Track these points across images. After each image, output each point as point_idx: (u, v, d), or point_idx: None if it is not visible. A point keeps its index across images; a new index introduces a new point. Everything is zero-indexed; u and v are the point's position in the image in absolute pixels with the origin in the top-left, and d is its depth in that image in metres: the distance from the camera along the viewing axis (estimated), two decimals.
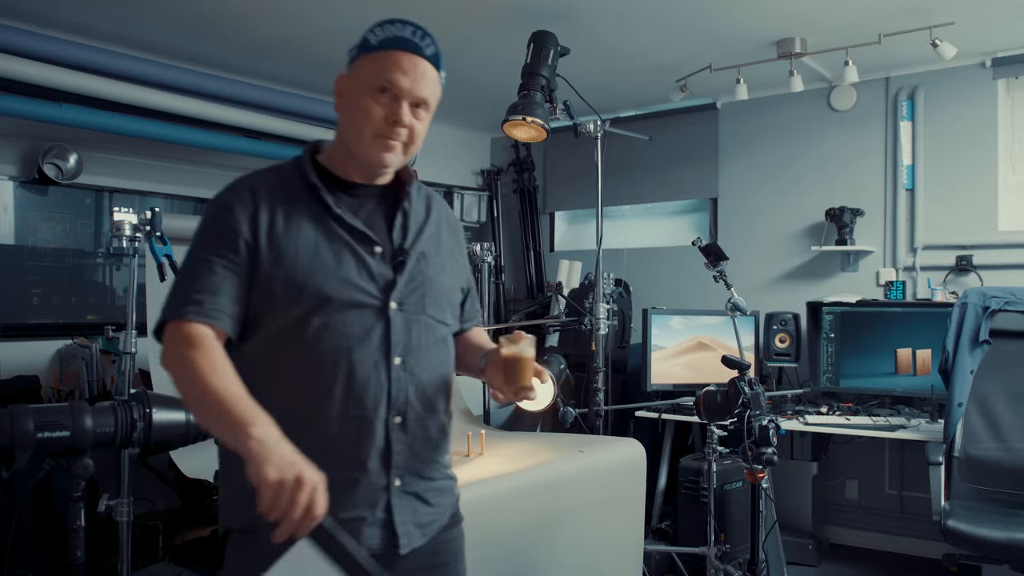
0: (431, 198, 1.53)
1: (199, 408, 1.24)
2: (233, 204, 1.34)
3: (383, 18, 1.41)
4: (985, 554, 2.82)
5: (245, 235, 1.31)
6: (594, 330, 3.34)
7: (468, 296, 1.59)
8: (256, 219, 1.32)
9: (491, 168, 5.80)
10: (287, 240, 1.33)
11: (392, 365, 1.35)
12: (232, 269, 1.31)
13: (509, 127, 3.09)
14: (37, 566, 3.06)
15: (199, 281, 1.29)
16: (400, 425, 1.36)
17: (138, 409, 1.77)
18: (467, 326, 1.60)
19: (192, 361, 1.22)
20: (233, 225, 1.32)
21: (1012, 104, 3.99)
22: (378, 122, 1.34)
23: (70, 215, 4.04)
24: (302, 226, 1.34)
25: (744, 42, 3.75)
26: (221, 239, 1.32)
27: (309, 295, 1.31)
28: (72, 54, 3.48)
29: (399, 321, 1.36)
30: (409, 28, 1.36)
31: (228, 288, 1.30)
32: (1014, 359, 3.21)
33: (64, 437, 1.65)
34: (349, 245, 1.35)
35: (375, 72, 1.34)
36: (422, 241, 1.44)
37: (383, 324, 1.35)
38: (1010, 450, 3.08)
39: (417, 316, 1.39)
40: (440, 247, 1.48)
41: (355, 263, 1.35)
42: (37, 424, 1.61)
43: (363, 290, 1.34)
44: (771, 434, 2.04)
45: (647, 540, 3.52)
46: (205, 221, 1.36)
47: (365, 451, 1.33)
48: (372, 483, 1.34)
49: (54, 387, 3.74)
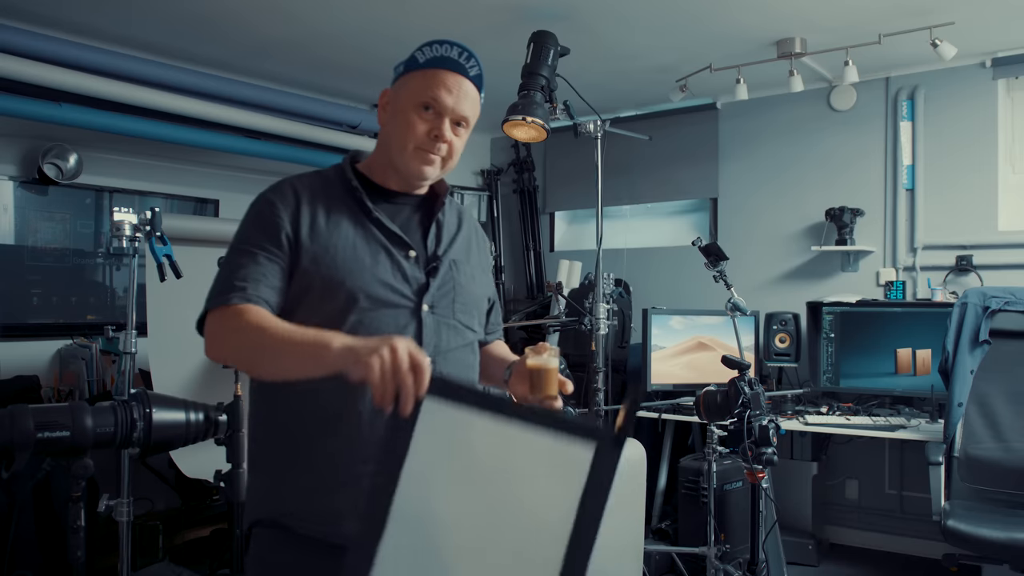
0: (462, 212, 1.61)
1: (273, 358, 1.26)
2: (276, 201, 1.39)
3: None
4: (985, 554, 2.82)
5: (287, 230, 1.36)
6: (594, 330, 3.34)
7: (493, 308, 1.65)
8: (298, 216, 1.37)
9: (491, 168, 5.80)
10: (327, 238, 1.38)
11: None
12: (274, 261, 1.35)
13: (509, 127, 3.09)
14: (37, 566, 3.06)
15: (242, 271, 1.33)
16: None
17: (138, 409, 1.77)
18: (491, 338, 1.65)
19: (245, 324, 1.27)
20: (275, 220, 1.37)
21: (1012, 104, 3.99)
22: (420, 136, 1.40)
23: (70, 215, 4.04)
24: (341, 226, 1.40)
25: (744, 42, 3.75)
26: (263, 233, 1.36)
27: (345, 293, 1.35)
28: (72, 54, 3.48)
29: (430, 323, 1.41)
30: (456, 49, 1.42)
31: (270, 278, 1.34)
32: (1014, 359, 3.21)
33: (64, 437, 1.64)
34: (385, 247, 1.40)
35: (421, 89, 1.41)
36: (454, 249, 1.50)
37: (415, 325, 1.39)
38: (1010, 450, 3.08)
39: (447, 320, 1.44)
40: (470, 257, 1.55)
41: (390, 265, 1.40)
42: (37, 424, 1.61)
43: (397, 291, 1.39)
44: (771, 434, 2.04)
45: (647, 540, 3.52)
46: (248, 216, 1.41)
47: None
48: None
49: (54, 387, 3.74)
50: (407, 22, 3.52)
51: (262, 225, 1.37)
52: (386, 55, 3.99)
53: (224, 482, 1.93)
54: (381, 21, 3.50)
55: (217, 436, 1.89)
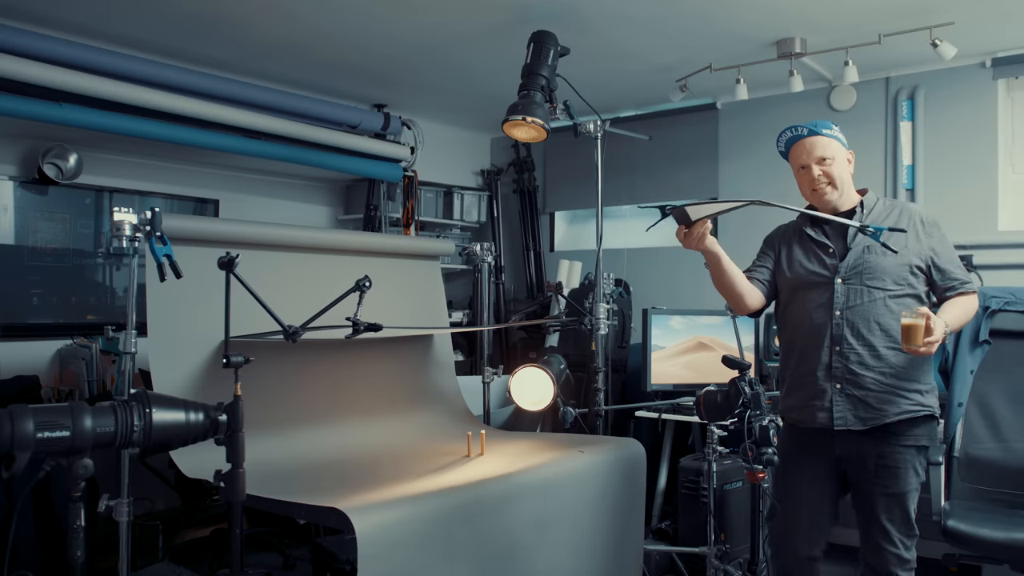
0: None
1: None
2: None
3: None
4: (985, 554, 2.82)
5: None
6: (594, 330, 3.34)
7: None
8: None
9: (491, 168, 5.80)
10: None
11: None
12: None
13: (509, 127, 3.09)
14: (37, 566, 3.06)
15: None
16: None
17: (138, 409, 1.76)
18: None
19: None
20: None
21: (1012, 104, 3.99)
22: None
23: (70, 215, 4.04)
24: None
25: (744, 42, 3.75)
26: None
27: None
28: (72, 54, 3.48)
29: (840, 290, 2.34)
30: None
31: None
32: (1014, 359, 3.20)
33: (64, 437, 1.64)
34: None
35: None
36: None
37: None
38: (1010, 450, 3.08)
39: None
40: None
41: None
42: (37, 424, 1.61)
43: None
44: (771, 434, 2.04)
45: (647, 540, 3.52)
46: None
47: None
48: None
49: (54, 387, 3.74)
50: (407, 22, 3.52)
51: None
52: (386, 55, 4.01)
53: (224, 482, 1.92)
54: (381, 21, 3.50)
55: (217, 436, 1.89)
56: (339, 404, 3.18)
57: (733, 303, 2.47)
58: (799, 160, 2.41)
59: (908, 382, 2.28)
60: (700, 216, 2.23)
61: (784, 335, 2.51)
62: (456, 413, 3.54)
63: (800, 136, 2.40)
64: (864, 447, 2.30)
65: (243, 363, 1.97)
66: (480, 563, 2.30)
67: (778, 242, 2.55)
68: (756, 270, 2.54)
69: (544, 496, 2.53)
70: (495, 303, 5.34)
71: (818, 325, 2.34)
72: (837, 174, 2.37)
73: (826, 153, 2.36)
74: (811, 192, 2.40)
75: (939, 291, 2.34)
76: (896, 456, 2.27)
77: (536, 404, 3.35)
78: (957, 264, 2.36)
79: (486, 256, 3.67)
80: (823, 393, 2.31)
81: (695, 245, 2.28)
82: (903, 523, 2.29)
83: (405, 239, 4.47)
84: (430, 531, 2.16)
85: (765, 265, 2.54)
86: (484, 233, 5.70)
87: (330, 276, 3.02)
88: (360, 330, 2.29)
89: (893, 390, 2.27)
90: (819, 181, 2.36)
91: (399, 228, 5.09)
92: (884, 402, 2.27)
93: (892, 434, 2.28)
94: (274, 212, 4.85)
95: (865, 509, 2.34)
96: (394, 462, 2.79)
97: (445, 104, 5.01)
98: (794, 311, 2.43)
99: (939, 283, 2.33)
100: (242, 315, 2.16)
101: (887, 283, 2.29)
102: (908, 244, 2.31)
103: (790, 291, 2.46)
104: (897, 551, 2.28)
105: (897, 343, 2.22)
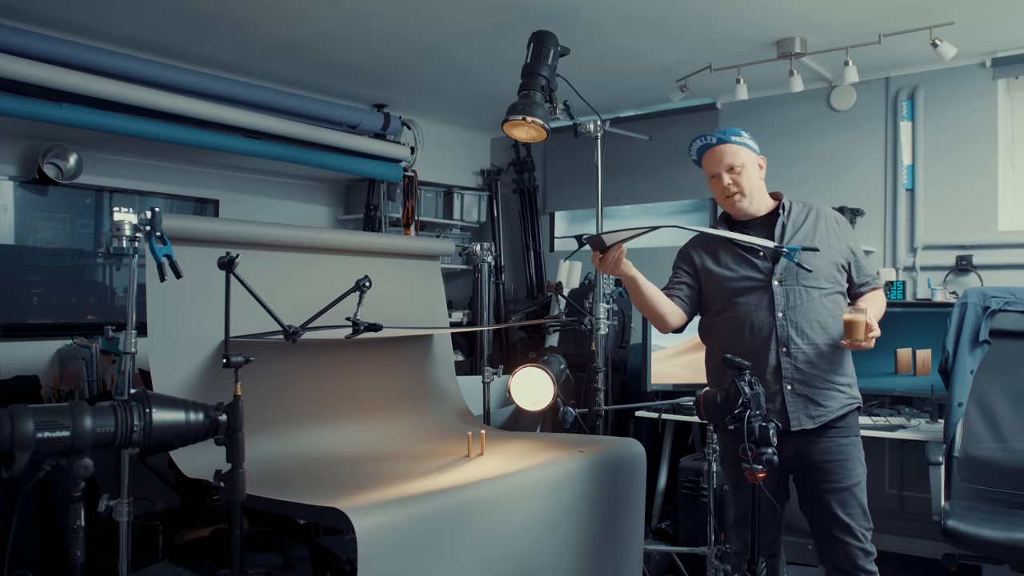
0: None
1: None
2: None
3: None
4: (985, 554, 2.81)
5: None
6: (594, 330, 3.34)
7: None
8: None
9: (491, 168, 5.80)
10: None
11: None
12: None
13: (509, 127, 3.09)
14: (37, 566, 3.06)
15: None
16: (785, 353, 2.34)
17: (138, 409, 1.76)
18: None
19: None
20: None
21: (1012, 104, 3.99)
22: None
23: (70, 215, 4.04)
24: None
25: (744, 42, 3.75)
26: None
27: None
28: (72, 54, 3.48)
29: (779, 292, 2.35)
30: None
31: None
32: (1014, 359, 3.20)
33: (64, 437, 1.64)
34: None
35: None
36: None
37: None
38: (1010, 450, 3.08)
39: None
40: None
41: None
42: (37, 424, 1.61)
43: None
44: (771, 434, 2.04)
45: (647, 540, 3.52)
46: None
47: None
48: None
49: (54, 387, 3.74)
50: (407, 22, 3.52)
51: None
52: (386, 55, 4.01)
53: (224, 482, 1.92)
54: (382, 21, 3.50)
55: (217, 436, 1.89)
56: (339, 404, 3.18)
57: (655, 322, 2.47)
58: (710, 168, 2.43)
59: (841, 376, 2.38)
60: (614, 242, 2.21)
61: (715, 344, 2.47)
62: (456, 413, 3.54)
63: (709, 144, 2.42)
64: (811, 446, 2.34)
65: (243, 363, 1.98)
66: (480, 563, 2.30)
67: (696, 255, 2.53)
68: (675, 287, 2.51)
69: (544, 496, 2.53)
70: (495, 303, 5.34)
71: (761, 328, 2.35)
72: (746, 183, 2.40)
73: (735, 161, 2.38)
74: (724, 199, 2.44)
75: (855, 286, 2.44)
76: (842, 449, 2.34)
77: (536, 404, 3.35)
78: (867, 260, 2.50)
79: (486, 256, 3.67)
80: (774, 396, 2.33)
81: (611, 270, 2.24)
82: (862, 515, 2.34)
83: (405, 239, 4.47)
84: (430, 531, 2.16)
85: (684, 281, 2.51)
86: (484, 233, 5.70)
87: (330, 276, 3.02)
88: (360, 330, 2.29)
89: (833, 386, 2.36)
90: (729, 190, 2.40)
91: (399, 228, 5.09)
92: (828, 398, 2.34)
93: (834, 428, 2.35)
94: (274, 212, 4.86)
95: (819, 509, 2.36)
96: (394, 462, 2.79)
97: (445, 104, 5.01)
98: (732, 318, 2.41)
99: (855, 279, 2.44)
100: (242, 315, 2.16)
101: (820, 282, 2.35)
102: (831, 243, 2.40)
103: (725, 299, 2.43)
104: (861, 544, 2.32)
105: (835, 339, 2.33)
